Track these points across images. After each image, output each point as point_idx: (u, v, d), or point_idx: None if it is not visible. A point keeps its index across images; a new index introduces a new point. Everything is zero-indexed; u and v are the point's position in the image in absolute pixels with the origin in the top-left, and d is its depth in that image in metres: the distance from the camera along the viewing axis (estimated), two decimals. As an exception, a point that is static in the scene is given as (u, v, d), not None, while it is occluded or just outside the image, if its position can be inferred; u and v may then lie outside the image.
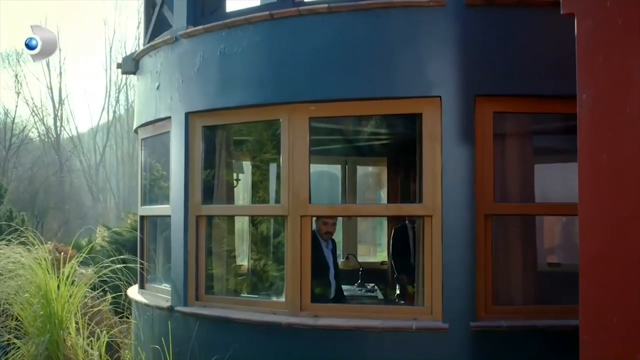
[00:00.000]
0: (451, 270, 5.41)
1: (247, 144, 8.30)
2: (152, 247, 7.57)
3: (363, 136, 9.63)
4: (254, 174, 8.63)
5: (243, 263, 8.30)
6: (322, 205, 6.48)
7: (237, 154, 7.95)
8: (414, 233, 8.90)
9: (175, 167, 6.62)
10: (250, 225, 8.65)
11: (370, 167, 11.97)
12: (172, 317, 6.50)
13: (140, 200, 7.73)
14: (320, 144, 9.66)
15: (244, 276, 7.74)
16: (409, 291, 8.39)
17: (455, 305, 5.40)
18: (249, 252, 8.88)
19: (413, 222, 8.93)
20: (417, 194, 5.93)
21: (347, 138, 9.77)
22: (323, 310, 5.78)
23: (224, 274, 6.92)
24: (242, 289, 7.46)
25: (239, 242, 8.15)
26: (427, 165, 5.56)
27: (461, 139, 5.45)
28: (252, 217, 7.87)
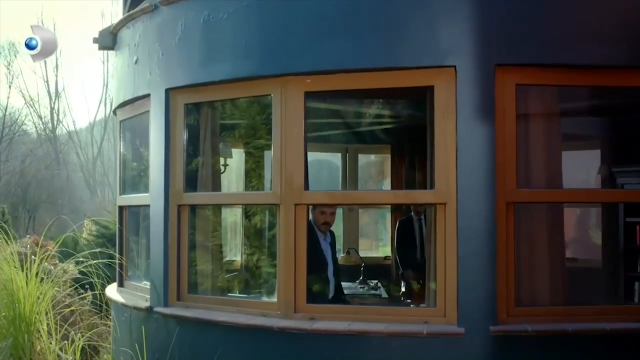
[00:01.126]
0: (467, 266, 4.70)
1: (237, 124, 7.60)
2: (132, 240, 6.84)
3: (365, 120, 8.93)
4: (247, 162, 7.94)
5: (231, 259, 7.61)
6: (319, 192, 5.74)
7: (225, 135, 7.22)
8: (421, 225, 8.24)
9: (155, 151, 5.89)
10: (241, 217, 7.97)
11: (372, 155, 11.24)
12: (151, 318, 5.80)
13: (118, 189, 7.02)
14: (318, 130, 8.98)
15: (231, 273, 7.04)
16: (415, 288, 7.73)
17: (473, 307, 4.70)
18: (238, 247, 8.21)
19: (420, 213, 8.27)
20: (428, 179, 5.21)
21: (348, 122, 9.08)
22: (320, 312, 5.06)
23: (210, 271, 6.19)
24: (229, 288, 6.75)
25: (226, 235, 7.46)
26: (439, 146, 4.83)
27: (479, 116, 4.73)
28: (241, 207, 7.16)
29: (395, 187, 9.78)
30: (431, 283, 5.13)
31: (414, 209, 8.49)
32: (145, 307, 5.83)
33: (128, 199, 6.75)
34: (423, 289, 7.43)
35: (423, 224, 8.39)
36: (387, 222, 10.55)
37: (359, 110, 8.57)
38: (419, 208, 8.40)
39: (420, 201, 5.21)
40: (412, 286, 7.87)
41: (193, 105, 5.86)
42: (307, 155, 5.32)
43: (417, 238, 8.41)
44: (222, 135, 6.83)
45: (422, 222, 8.43)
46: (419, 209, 8.40)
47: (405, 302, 7.39)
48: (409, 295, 7.53)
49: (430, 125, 5.05)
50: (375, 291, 7.58)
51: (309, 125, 5.25)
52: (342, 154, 10.16)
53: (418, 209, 8.40)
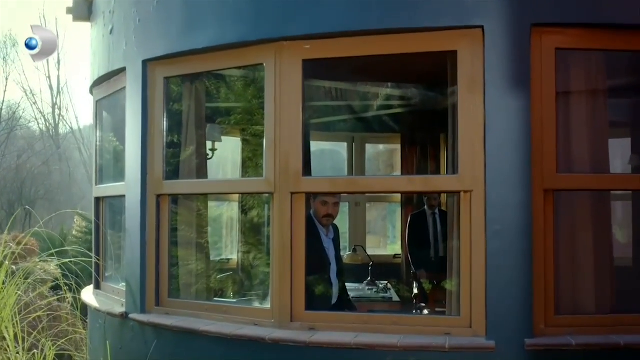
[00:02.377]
0: (498, 266, 3.91)
1: (231, 109, 6.82)
2: (110, 236, 6.05)
3: (373, 105, 8.14)
4: (243, 150, 7.18)
5: (219, 258, 6.83)
6: (320, 178, 4.92)
7: (215, 118, 6.43)
8: (435, 219, 7.47)
9: (131, 133, 5.11)
10: (232, 210, 7.21)
11: (381, 145, 10.40)
12: (127, 326, 5.02)
13: (94, 178, 6.22)
14: (321, 116, 8.18)
15: (220, 275, 6.24)
16: (428, 289, 6.96)
17: (504, 315, 3.91)
18: (228, 245, 7.45)
19: (434, 206, 7.50)
20: (449, 164, 4.42)
21: (354, 108, 8.28)
22: (321, 320, 4.27)
23: (194, 273, 5.39)
24: (217, 292, 5.95)
25: (214, 231, 6.67)
26: (464, 123, 4.03)
27: (512, 87, 3.94)
28: (233, 199, 6.37)
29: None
30: (452, 286, 4.34)
31: (427, 202, 7.72)
32: (119, 313, 5.05)
33: (104, 190, 5.95)
34: (438, 291, 6.68)
35: (437, 219, 7.62)
36: (397, 217, 9.75)
37: (366, 93, 7.78)
38: (433, 201, 7.64)
39: (441, 189, 4.37)
40: (426, 288, 7.11)
41: (174, 79, 5.07)
42: (308, 136, 4.52)
43: (431, 234, 7.64)
44: (212, 118, 6.03)
45: (436, 216, 7.68)
46: (433, 201, 7.63)
47: (418, 306, 6.60)
48: (423, 298, 6.75)
49: (452, 99, 4.25)
50: (385, 294, 6.78)
51: (309, 111, 4.45)
52: (348, 143, 9.37)
53: (432, 201, 7.64)
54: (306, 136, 4.63)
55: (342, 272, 5.36)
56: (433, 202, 7.70)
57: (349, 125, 9.02)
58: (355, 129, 9.12)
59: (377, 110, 8.17)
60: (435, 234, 7.68)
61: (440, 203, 7.89)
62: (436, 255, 7.62)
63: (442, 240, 7.63)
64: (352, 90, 7.66)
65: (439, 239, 7.65)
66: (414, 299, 7.12)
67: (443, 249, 7.49)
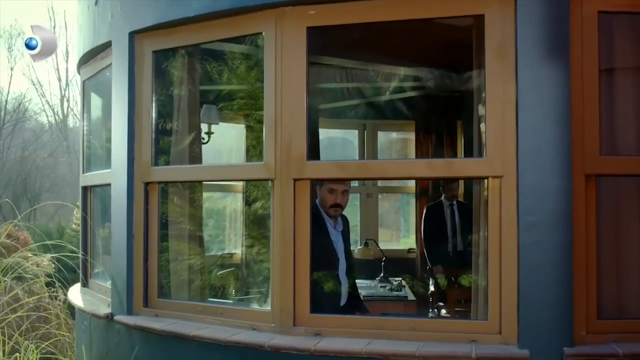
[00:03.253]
0: (532, 264, 3.38)
1: (234, 93, 6.28)
2: (99, 229, 5.53)
3: (386, 89, 7.59)
4: (247, 138, 6.64)
5: (221, 252, 6.30)
6: (327, 162, 4.37)
7: (212, 97, 5.89)
8: (453, 211, 6.92)
9: (117, 113, 4.59)
10: (239, 201, 6.69)
11: (394, 132, 9.82)
12: (112, 329, 4.52)
13: (82, 166, 5.70)
14: (330, 100, 7.64)
15: (220, 271, 5.71)
16: (445, 287, 6.43)
17: (540, 321, 3.37)
18: (226, 239, 6.94)
19: (453, 197, 6.96)
20: (475, 146, 3.88)
21: (365, 92, 7.73)
22: (328, 324, 3.74)
23: (187, 270, 4.85)
24: (217, 289, 5.43)
25: (216, 223, 6.15)
26: (492, 98, 3.48)
27: (548, 56, 3.40)
28: (233, 189, 5.83)
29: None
30: (476, 284, 3.81)
31: (446, 192, 7.17)
32: (105, 315, 4.54)
33: (91, 178, 5.43)
34: (457, 289, 6.15)
35: (455, 210, 7.07)
36: (411, 209, 9.19)
37: (378, 75, 7.24)
38: (452, 191, 7.09)
39: (466, 174, 3.78)
40: (441, 284, 6.58)
41: (165, 53, 4.53)
42: (313, 117, 3.97)
43: (449, 227, 7.10)
44: (210, 100, 5.48)
45: (454, 207, 7.13)
46: (452, 191, 7.08)
47: (436, 305, 6.06)
48: (441, 296, 6.22)
49: (478, 71, 3.71)
50: (399, 292, 6.24)
51: (316, 94, 3.91)
52: (359, 131, 8.81)
53: (452, 191, 7.10)
54: (311, 116, 4.09)
55: (352, 268, 4.80)
56: (452, 192, 7.16)
57: (359, 111, 8.47)
58: (366, 116, 8.58)
59: (390, 94, 7.61)
60: (453, 226, 7.15)
61: (458, 194, 7.35)
62: (454, 250, 7.09)
63: (460, 233, 7.10)
64: (363, 72, 7.12)
65: (457, 232, 7.11)
66: (430, 297, 6.59)
67: (461, 243, 6.96)
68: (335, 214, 4.53)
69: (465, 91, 7.22)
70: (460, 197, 7.42)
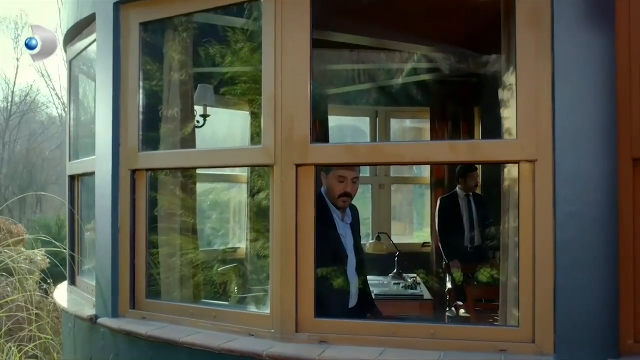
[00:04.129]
0: (571, 262, 2.89)
1: (237, 78, 5.81)
2: (87, 221, 5.09)
3: (399, 73, 7.12)
4: (252, 125, 6.21)
5: (224, 247, 5.86)
6: (334, 145, 3.89)
7: (207, 77, 5.42)
8: (470, 203, 6.46)
9: (101, 94, 4.13)
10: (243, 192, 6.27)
11: (408, 120, 9.33)
12: (97, 332, 4.07)
13: (68, 153, 5.25)
14: (339, 84, 7.19)
15: (216, 269, 5.26)
16: (459, 281, 5.98)
17: (580, 328, 2.88)
18: (236, 232, 6.52)
19: (470, 188, 6.49)
20: (502, 127, 3.41)
21: (377, 77, 7.26)
22: (335, 330, 3.28)
23: (178, 268, 4.39)
24: (213, 289, 4.98)
25: (212, 216, 5.71)
26: (524, 71, 3.00)
27: (590, 21, 2.90)
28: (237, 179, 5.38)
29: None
30: (508, 288, 3.34)
31: (464, 183, 6.70)
32: (88, 317, 4.09)
33: (77, 166, 4.98)
34: (477, 287, 5.68)
35: (472, 202, 6.61)
36: (426, 201, 8.72)
37: (391, 57, 6.76)
38: (473, 180, 6.63)
39: (493, 158, 3.25)
40: (457, 279, 6.12)
41: (153, 26, 4.07)
42: (320, 96, 3.51)
43: (466, 220, 6.63)
44: (198, 69, 4.99)
45: (470, 199, 6.66)
46: (473, 181, 6.62)
47: (454, 304, 5.60)
48: (459, 295, 5.75)
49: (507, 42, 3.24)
50: (414, 290, 5.76)
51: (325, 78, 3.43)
52: (371, 118, 8.34)
53: (473, 181, 6.63)
54: (319, 101, 3.62)
55: (362, 265, 4.30)
56: (474, 181, 6.69)
57: (371, 97, 8.00)
58: (378, 102, 8.10)
59: (404, 78, 7.14)
60: (471, 219, 6.68)
61: (476, 185, 6.88)
62: (472, 245, 6.62)
63: (478, 226, 6.63)
64: (374, 54, 6.64)
65: (475, 226, 6.64)
66: (448, 295, 6.13)
67: (480, 237, 6.50)
68: (344, 205, 4.05)
69: (484, 75, 6.76)
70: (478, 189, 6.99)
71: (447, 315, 5.94)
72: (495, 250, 5.89)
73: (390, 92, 7.85)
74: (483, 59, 6.75)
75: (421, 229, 9.88)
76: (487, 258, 6.11)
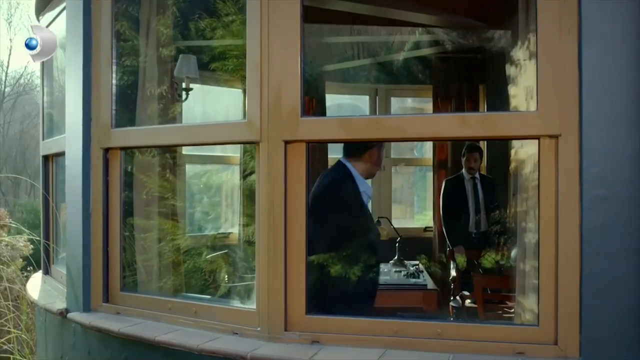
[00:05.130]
0: (600, 252, 2.51)
1: (227, 52, 5.40)
2: (63, 205, 4.69)
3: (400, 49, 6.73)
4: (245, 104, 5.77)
5: (215, 232, 5.49)
6: (327, 119, 3.47)
7: (195, 49, 5.00)
8: (475, 185, 6.09)
9: (71, 64, 3.73)
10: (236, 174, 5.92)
11: (409, 99, 8.93)
12: (68, 328, 3.69)
13: (41, 132, 4.86)
14: (336, 60, 6.80)
15: (199, 258, 4.87)
16: (462, 267, 5.63)
17: (610, 328, 2.50)
18: (228, 216, 6.16)
19: (474, 169, 6.11)
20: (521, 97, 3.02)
21: (377, 49, 6.88)
22: (330, 328, 2.89)
23: (159, 257, 4.01)
24: (192, 282, 4.58)
25: (193, 199, 5.34)
26: (545, 35, 2.60)
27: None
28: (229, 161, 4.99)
29: (438, 143, 7.53)
30: (523, 275, 2.95)
31: (467, 165, 6.31)
32: (58, 311, 3.71)
33: (49, 145, 4.59)
34: (486, 276, 5.30)
35: (478, 185, 6.23)
36: (428, 183, 8.34)
37: (391, 30, 6.37)
38: (470, 162, 6.25)
39: (510, 133, 2.78)
40: (460, 265, 5.76)
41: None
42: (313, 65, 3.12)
43: (471, 204, 6.26)
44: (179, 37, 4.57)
45: (476, 181, 6.28)
46: (469, 163, 6.25)
47: (460, 294, 5.22)
48: (465, 283, 5.37)
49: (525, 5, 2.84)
50: (416, 278, 5.38)
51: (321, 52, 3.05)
52: (370, 96, 7.93)
53: (469, 163, 6.25)
54: (313, 72, 3.23)
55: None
56: (470, 163, 6.30)
57: (371, 74, 7.61)
58: (378, 79, 7.70)
59: (406, 52, 6.74)
60: (476, 203, 6.30)
61: (480, 166, 6.49)
62: (477, 230, 6.23)
63: (484, 210, 6.24)
64: (374, 27, 6.24)
65: (481, 210, 6.26)
66: (452, 284, 5.75)
67: (485, 222, 6.12)
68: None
69: (490, 50, 6.39)
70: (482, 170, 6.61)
71: (451, 305, 5.57)
72: (501, 235, 5.52)
73: (391, 68, 7.47)
74: (489, 33, 6.38)
75: (421, 212, 9.53)
76: (493, 244, 5.72)
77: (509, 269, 4.40)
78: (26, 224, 10.53)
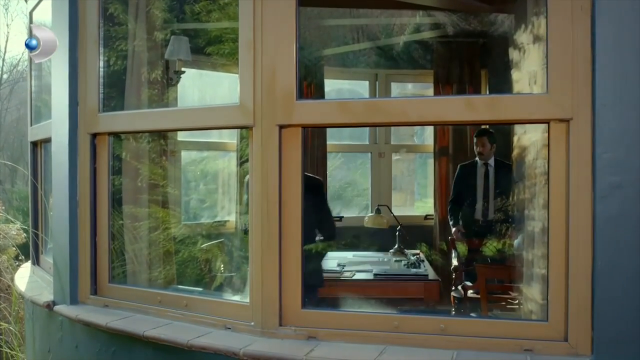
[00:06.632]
0: (615, 243, 2.36)
1: (223, 34, 5.25)
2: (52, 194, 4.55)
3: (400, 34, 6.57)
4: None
5: (212, 220, 5.36)
6: (323, 101, 3.31)
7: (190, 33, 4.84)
8: (487, 173, 5.93)
9: (57, 46, 3.56)
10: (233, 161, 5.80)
11: (410, 84, 8.75)
12: (54, 321, 3.55)
13: (30, 117, 4.70)
14: (335, 44, 6.65)
15: (194, 247, 4.73)
16: (464, 255, 5.49)
17: (624, 325, 2.35)
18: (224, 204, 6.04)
19: (483, 154, 5.97)
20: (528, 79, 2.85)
21: (377, 33, 6.71)
22: (327, 323, 2.74)
23: (146, 248, 3.85)
24: (186, 272, 4.44)
25: (188, 186, 5.19)
26: (556, 10, 2.43)
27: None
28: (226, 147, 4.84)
29: (439, 128, 7.37)
30: (532, 267, 2.80)
31: (476, 151, 6.13)
32: (45, 303, 3.56)
33: (37, 131, 4.43)
34: (490, 267, 5.16)
35: (490, 172, 6.05)
36: (428, 170, 8.19)
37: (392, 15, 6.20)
38: (480, 148, 6.07)
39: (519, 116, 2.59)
40: (461, 253, 5.62)
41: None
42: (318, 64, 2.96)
43: (480, 191, 6.08)
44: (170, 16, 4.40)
45: (489, 168, 6.09)
46: (480, 148, 6.06)
47: (463, 284, 5.08)
48: (468, 274, 5.23)
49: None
50: (417, 268, 5.23)
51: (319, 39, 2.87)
52: (370, 82, 7.78)
53: (479, 149, 6.07)
54: (311, 56, 3.07)
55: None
56: (476, 148, 6.12)
57: (370, 58, 7.44)
58: (378, 64, 7.53)
59: (406, 36, 6.57)
60: (486, 190, 6.09)
61: (490, 151, 6.25)
62: (484, 218, 6.05)
63: (493, 199, 6.06)
64: (374, 10, 6.08)
65: (490, 197, 6.06)
66: (453, 273, 5.60)
67: (493, 211, 5.95)
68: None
69: (492, 34, 6.23)
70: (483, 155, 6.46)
71: (452, 295, 5.42)
72: (506, 224, 5.37)
73: (391, 53, 7.30)
74: (491, 16, 6.22)
75: (422, 199, 9.37)
76: (499, 234, 5.56)
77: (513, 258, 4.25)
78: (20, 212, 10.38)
